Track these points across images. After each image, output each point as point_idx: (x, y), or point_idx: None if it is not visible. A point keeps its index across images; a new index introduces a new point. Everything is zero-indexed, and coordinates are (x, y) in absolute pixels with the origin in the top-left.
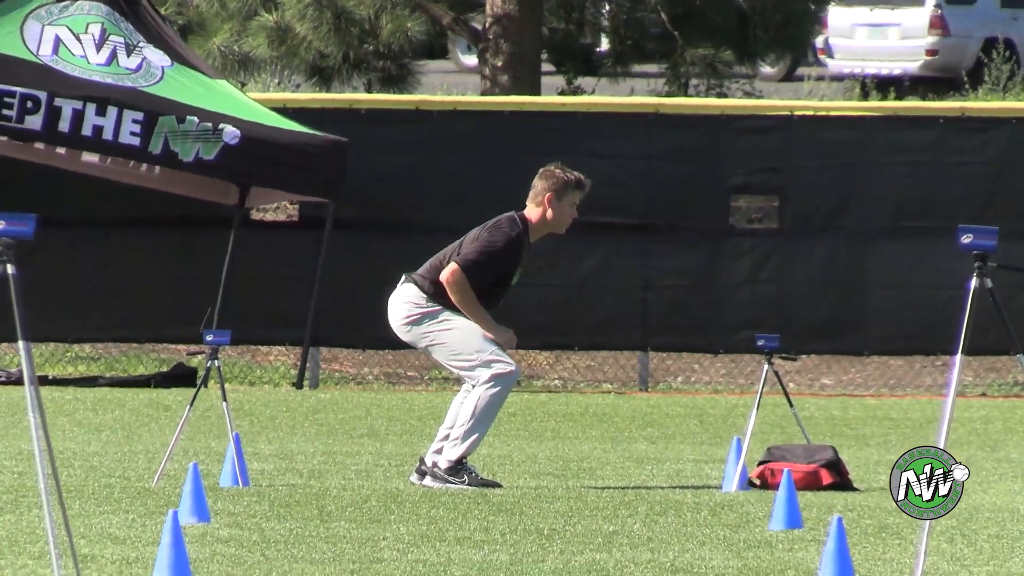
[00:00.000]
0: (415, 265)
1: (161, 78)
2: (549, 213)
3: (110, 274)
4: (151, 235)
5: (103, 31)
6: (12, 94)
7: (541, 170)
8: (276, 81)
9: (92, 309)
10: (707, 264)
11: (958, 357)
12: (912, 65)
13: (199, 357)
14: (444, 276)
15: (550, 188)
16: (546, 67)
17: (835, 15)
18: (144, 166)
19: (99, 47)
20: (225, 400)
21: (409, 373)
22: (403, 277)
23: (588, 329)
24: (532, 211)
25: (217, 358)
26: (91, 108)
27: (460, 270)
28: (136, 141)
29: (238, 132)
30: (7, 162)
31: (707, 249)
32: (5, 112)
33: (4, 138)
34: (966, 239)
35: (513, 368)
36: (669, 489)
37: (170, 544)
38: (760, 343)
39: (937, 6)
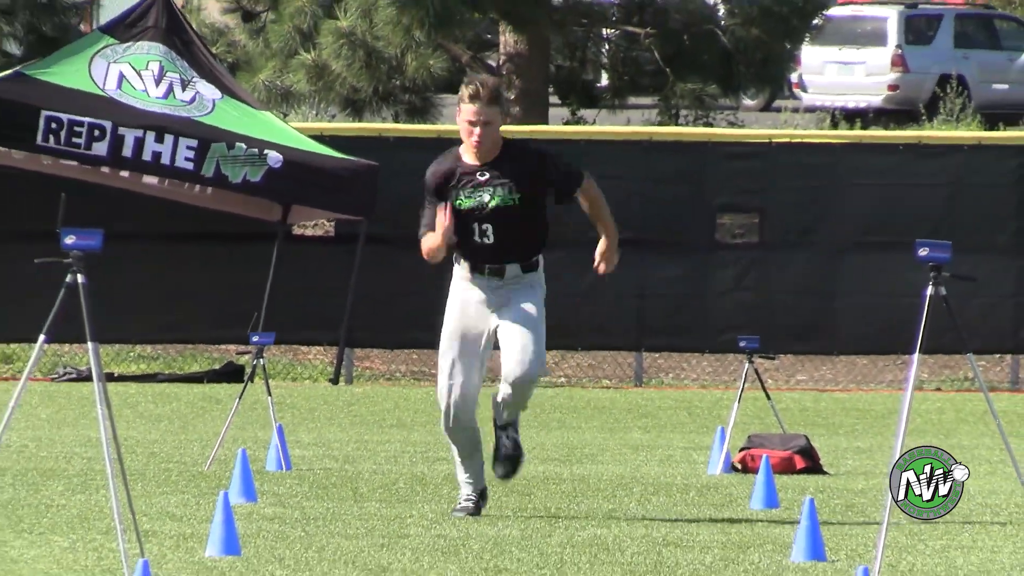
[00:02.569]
0: (438, 275)
1: (212, 109)
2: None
3: (168, 283)
4: (204, 248)
5: (161, 68)
6: (81, 124)
7: None
8: (314, 112)
9: (152, 314)
10: (695, 274)
11: (915, 356)
12: (876, 99)
13: (246, 356)
14: None
15: None
16: (553, 100)
17: (808, 54)
18: (197, 187)
19: (158, 82)
20: (269, 394)
21: (433, 371)
22: None
23: (589, 331)
24: None
25: (262, 357)
26: (151, 136)
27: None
28: (190, 165)
29: (281, 157)
30: (77, 184)
31: (695, 261)
32: (75, 140)
33: (74, 163)
34: (923, 252)
35: (442, 402)
36: (661, 472)
37: (221, 521)
38: (742, 344)
39: (898, 46)
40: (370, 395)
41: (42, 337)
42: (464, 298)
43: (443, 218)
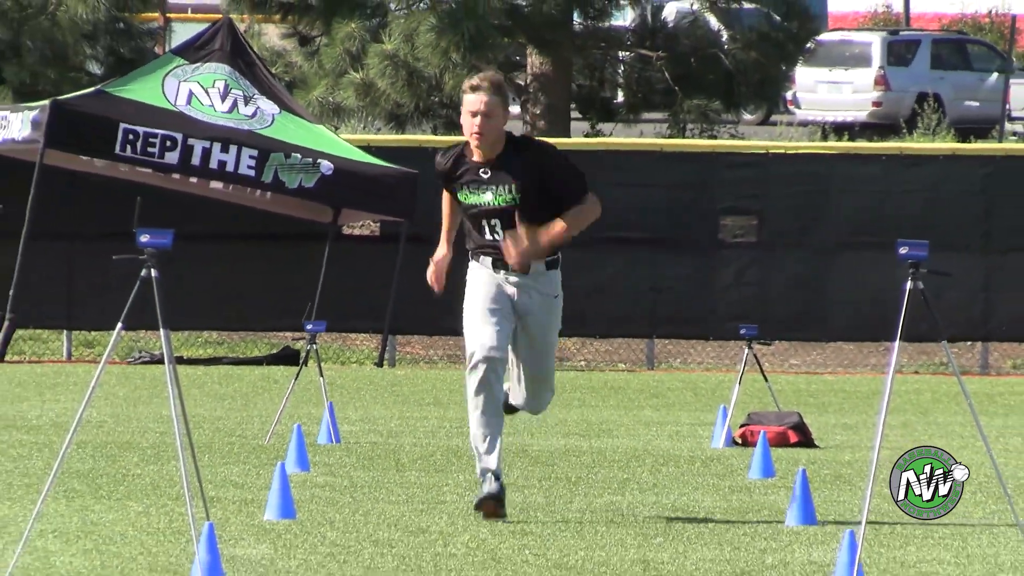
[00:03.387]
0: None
1: (272, 123)
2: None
3: (231, 276)
4: (263, 246)
5: (226, 86)
6: (155, 135)
7: None
8: (362, 125)
9: (217, 304)
10: (701, 270)
11: (896, 343)
12: (861, 114)
13: (301, 342)
14: None
15: None
16: (574, 115)
17: (801, 74)
18: (258, 192)
19: (223, 98)
20: (321, 376)
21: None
22: None
23: (607, 321)
24: None
25: (315, 343)
26: (217, 146)
27: None
28: (252, 172)
29: (332, 165)
30: (151, 189)
31: (701, 259)
32: (149, 150)
33: (148, 170)
34: (903, 251)
35: (474, 355)
36: (670, 446)
37: (278, 488)
38: (742, 332)
39: (881, 68)
40: (411, 377)
41: (120, 325)
42: (485, 279)
43: (439, 278)
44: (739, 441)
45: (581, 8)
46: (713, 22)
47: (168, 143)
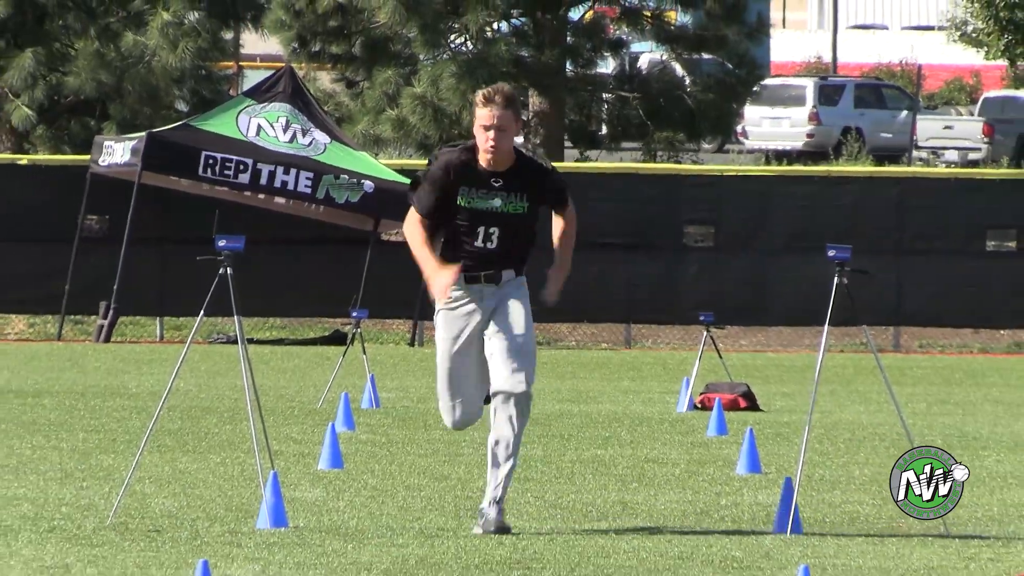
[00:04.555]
0: None
1: (324, 150)
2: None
3: (291, 273)
4: (317, 249)
5: (287, 121)
6: (230, 160)
7: None
8: (397, 153)
9: (280, 296)
10: (668, 268)
11: (826, 327)
12: (798, 143)
13: (348, 326)
14: None
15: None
16: (567, 144)
17: (749, 111)
18: (312, 206)
19: (285, 131)
20: (364, 353)
21: None
22: None
23: (593, 309)
24: None
25: (359, 327)
26: (280, 169)
27: (411, 208)
28: (307, 190)
29: (373, 184)
30: (227, 203)
31: (668, 259)
32: (225, 172)
33: (225, 188)
34: (831, 253)
35: (447, 419)
36: (643, 410)
37: (329, 444)
38: (702, 318)
39: (813, 107)
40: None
41: (202, 313)
42: (453, 319)
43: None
44: (699, 406)
45: (572, 58)
46: (679, 69)
47: (241, 166)
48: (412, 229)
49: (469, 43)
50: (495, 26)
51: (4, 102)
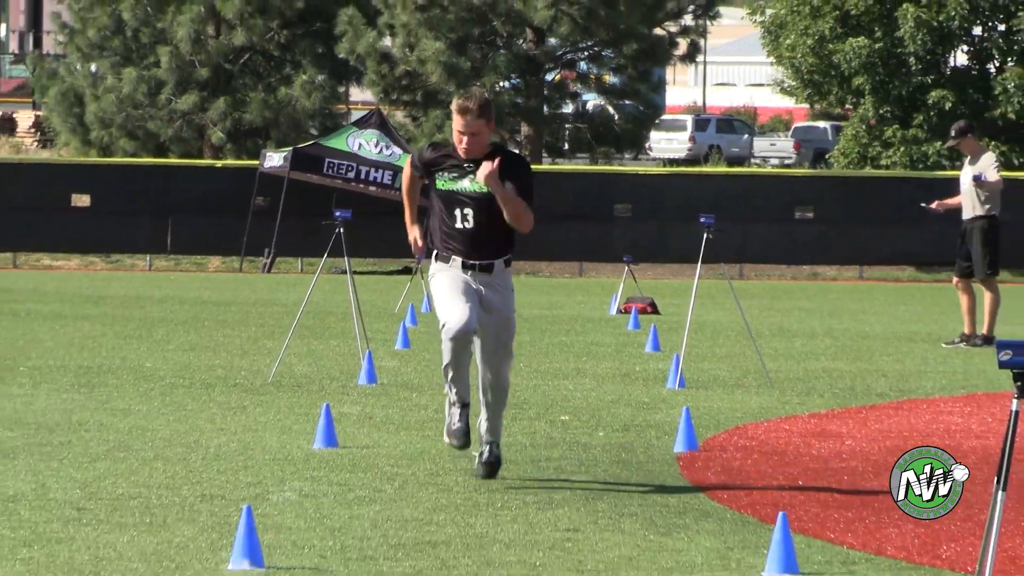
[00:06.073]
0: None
1: (399, 158)
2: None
3: (378, 232)
4: (396, 217)
5: (377, 140)
6: (343, 164)
7: None
8: None
9: (372, 245)
10: (605, 230)
11: (699, 264)
12: (682, 154)
13: (413, 264)
14: None
15: None
16: (544, 155)
17: (653, 135)
18: (392, 191)
19: (375, 146)
20: (423, 279)
21: None
22: None
23: (559, 252)
24: None
25: (420, 264)
26: (372, 169)
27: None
28: (389, 182)
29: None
30: (341, 191)
31: (604, 225)
32: (339, 171)
33: (339, 181)
34: (703, 219)
35: (446, 323)
36: (589, 312)
37: (401, 333)
38: (625, 259)
39: (691, 133)
40: None
41: (325, 255)
42: (453, 274)
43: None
44: (623, 311)
45: (548, 104)
46: (611, 110)
47: (349, 168)
48: (403, 178)
49: (487, 94)
50: (502, 83)
51: (207, 130)
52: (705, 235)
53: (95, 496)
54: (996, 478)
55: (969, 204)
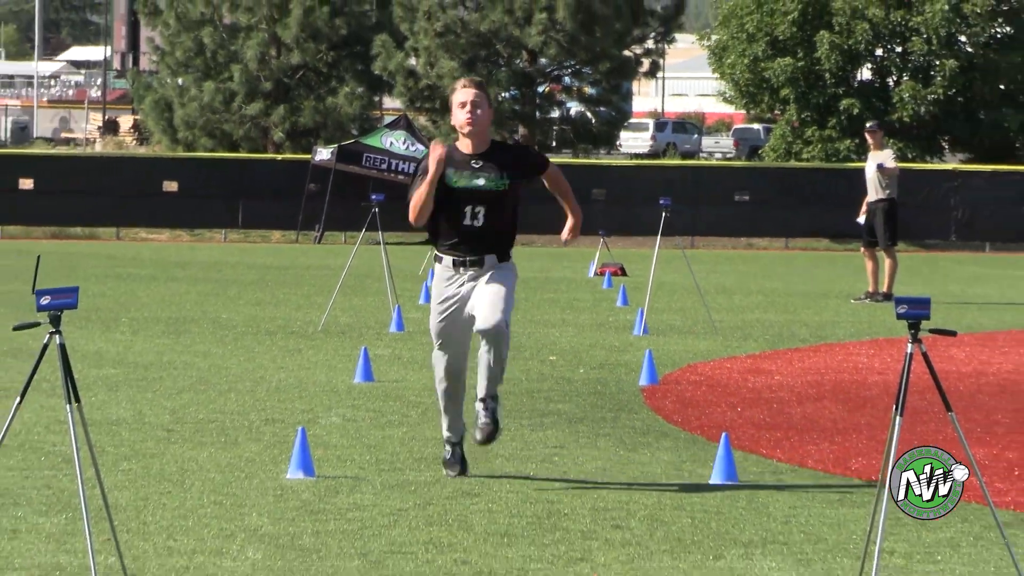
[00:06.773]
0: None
1: (422, 153)
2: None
3: (406, 211)
4: None
5: (405, 139)
6: (378, 157)
7: None
8: None
9: (402, 222)
10: (585, 210)
11: (659, 236)
12: (645, 150)
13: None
14: None
15: None
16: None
17: (623, 135)
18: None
19: (403, 143)
20: None
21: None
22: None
23: (547, 228)
24: None
25: None
26: (402, 162)
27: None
28: (414, 172)
29: None
30: (376, 179)
31: (585, 206)
32: (376, 164)
33: (375, 171)
34: (662, 201)
35: (438, 367)
36: (571, 275)
37: (424, 292)
38: (600, 233)
39: (653, 133)
40: None
41: (364, 228)
42: (446, 294)
43: (439, 153)
44: (599, 274)
45: (539, 110)
46: (589, 115)
47: (383, 160)
48: (411, 195)
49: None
50: (503, 94)
51: (270, 130)
52: (664, 214)
53: (181, 420)
54: (895, 405)
55: (873, 189)
